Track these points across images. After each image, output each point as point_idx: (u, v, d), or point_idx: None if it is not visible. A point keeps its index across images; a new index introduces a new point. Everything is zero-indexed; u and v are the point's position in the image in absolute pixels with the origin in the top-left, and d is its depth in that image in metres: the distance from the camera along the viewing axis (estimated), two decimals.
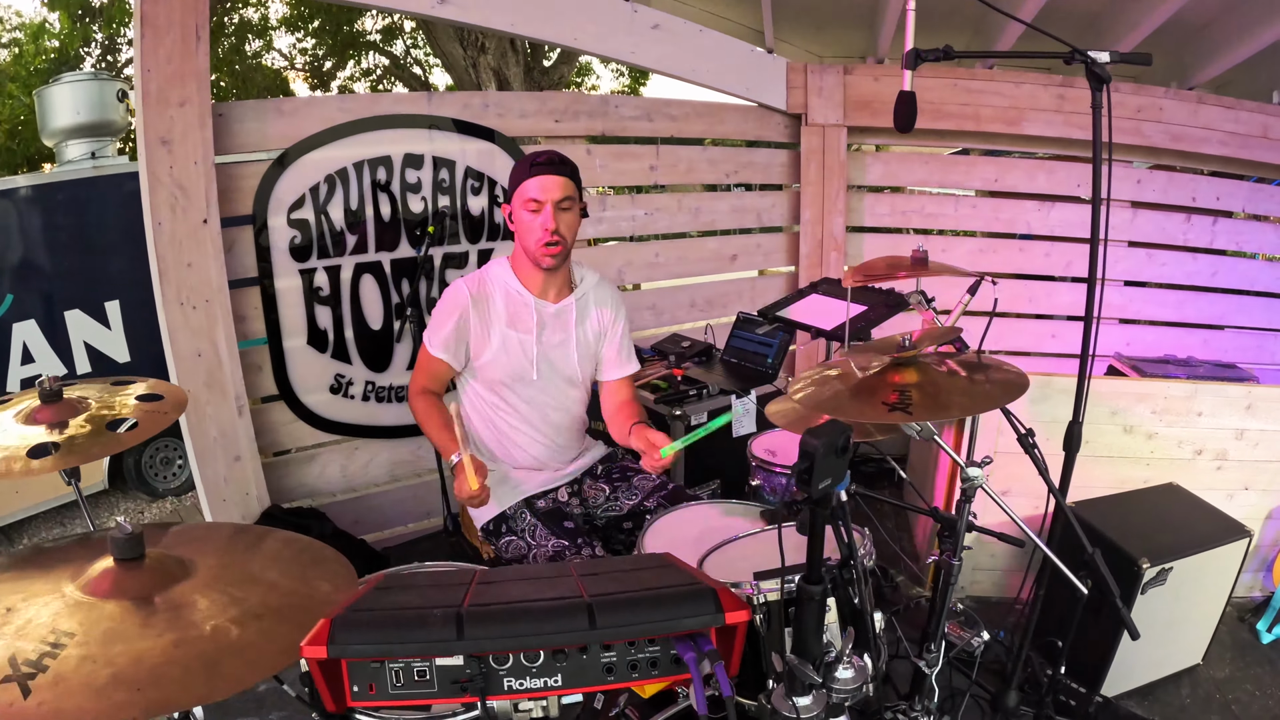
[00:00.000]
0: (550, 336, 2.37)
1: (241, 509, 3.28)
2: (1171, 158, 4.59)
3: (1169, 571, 2.51)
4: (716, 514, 2.22)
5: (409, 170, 3.46)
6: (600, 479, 2.54)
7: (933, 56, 1.87)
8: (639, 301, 4.33)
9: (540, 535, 2.25)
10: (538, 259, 2.28)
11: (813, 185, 4.47)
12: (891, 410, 1.59)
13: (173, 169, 2.93)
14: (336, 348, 3.46)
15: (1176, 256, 4.73)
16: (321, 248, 3.35)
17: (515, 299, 2.35)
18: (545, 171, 2.23)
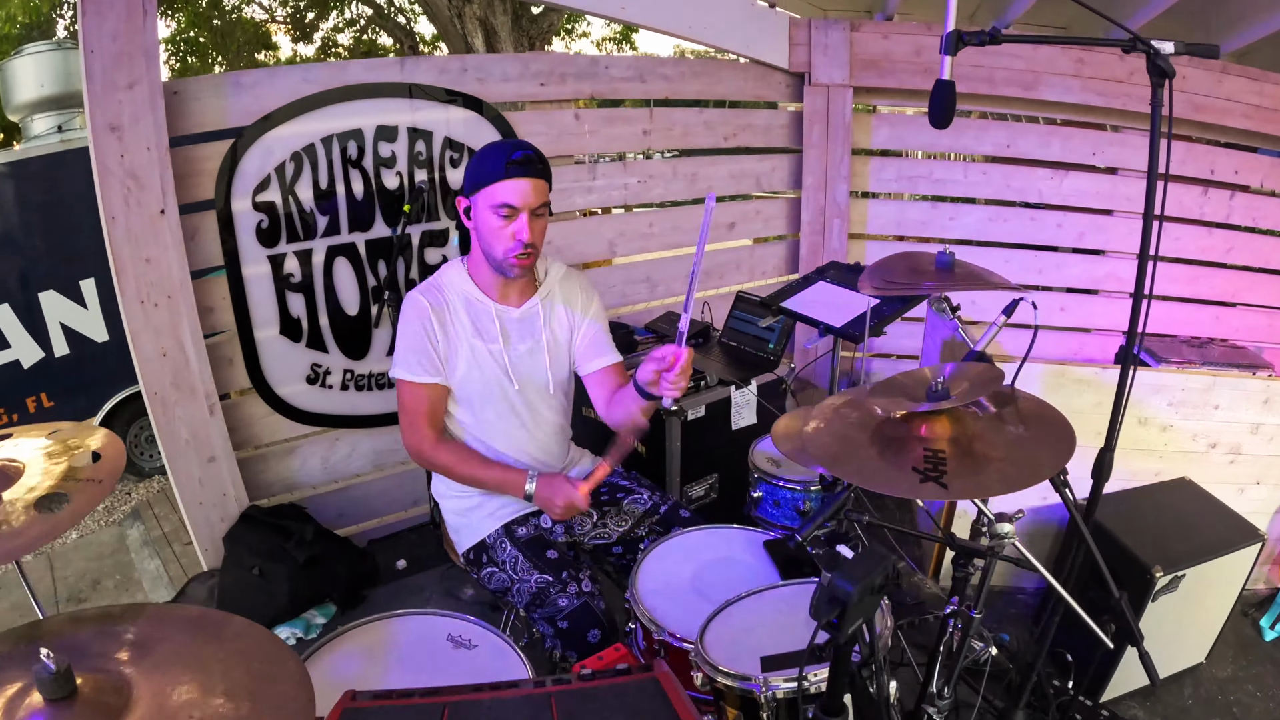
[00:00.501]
0: (518, 344, 2.16)
1: (220, 510, 3.15)
2: (1192, 128, 4.35)
3: (1182, 579, 2.42)
4: (714, 544, 2.06)
5: (382, 143, 3.21)
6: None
7: (977, 40, 1.63)
8: (632, 274, 4.11)
9: (522, 569, 2.06)
10: (504, 269, 2.05)
11: (815, 149, 4.23)
12: (924, 481, 1.40)
13: (124, 157, 2.71)
14: (311, 336, 3.26)
15: (1191, 231, 4.54)
16: (291, 231, 3.13)
17: (476, 307, 2.12)
18: (523, 174, 1.95)
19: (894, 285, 2.11)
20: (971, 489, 1.41)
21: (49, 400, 4.83)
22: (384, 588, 3.25)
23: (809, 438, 1.60)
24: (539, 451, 2.25)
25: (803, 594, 1.69)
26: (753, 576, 1.90)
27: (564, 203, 3.73)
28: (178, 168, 2.85)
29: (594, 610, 1.97)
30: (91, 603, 3.68)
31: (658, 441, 3.02)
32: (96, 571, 4.00)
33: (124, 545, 4.27)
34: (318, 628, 2.98)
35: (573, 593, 1.99)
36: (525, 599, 2.05)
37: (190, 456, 3.05)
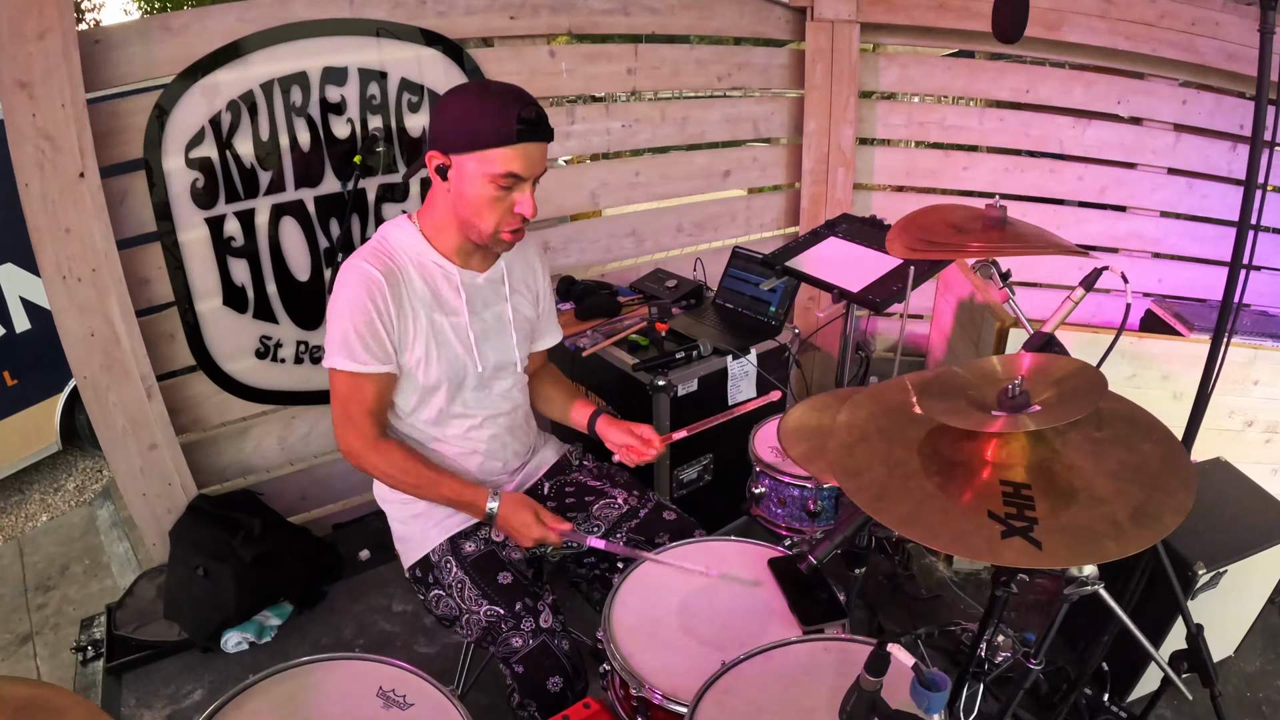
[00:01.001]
0: (484, 312, 1.84)
1: (166, 501, 2.88)
2: (1223, 79, 3.99)
3: (1223, 575, 2.22)
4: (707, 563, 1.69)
5: (330, 87, 2.84)
6: (548, 502, 1.99)
7: None
8: (617, 228, 3.76)
9: (470, 596, 1.74)
10: (490, 243, 1.72)
11: (819, 90, 3.85)
12: (1008, 535, 1.02)
13: (36, 117, 2.39)
14: (259, 305, 2.93)
15: (1219, 188, 4.21)
16: (230, 189, 2.78)
17: (434, 272, 1.76)
18: (536, 137, 1.61)
19: (933, 245, 1.72)
20: (1075, 552, 1.01)
21: (12, 378, 4.59)
22: (345, 582, 2.97)
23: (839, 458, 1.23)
24: (507, 441, 1.94)
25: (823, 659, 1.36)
26: (755, 610, 1.58)
27: None
28: (101, 125, 2.53)
29: (553, 651, 1.67)
30: (59, 590, 3.52)
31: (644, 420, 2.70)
32: (65, 556, 3.82)
33: (94, 527, 4.09)
34: (272, 630, 2.70)
35: (528, 629, 1.68)
36: (475, 633, 1.74)
37: (129, 445, 2.77)
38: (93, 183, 2.51)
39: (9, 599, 3.51)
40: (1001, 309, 2.89)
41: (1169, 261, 4.39)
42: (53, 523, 4.39)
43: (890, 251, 1.80)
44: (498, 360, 1.87)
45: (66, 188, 2.47)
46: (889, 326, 4.40)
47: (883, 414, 1.29)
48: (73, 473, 5.13)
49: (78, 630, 2.78)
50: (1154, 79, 4.01)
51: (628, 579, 1.68)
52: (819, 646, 1.38)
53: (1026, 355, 1.26)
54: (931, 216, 1.83)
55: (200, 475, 2.97)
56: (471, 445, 1.89)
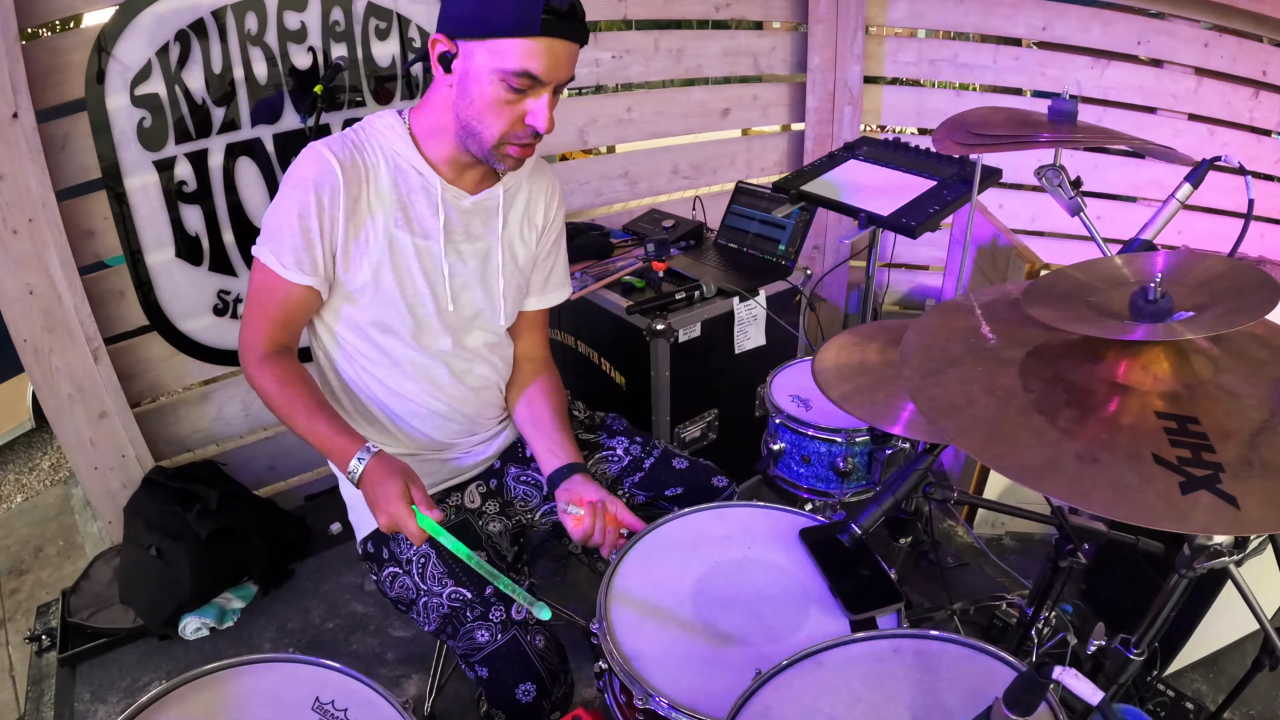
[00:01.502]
0: (464, 245, 1.53)
1: (120, 475, 2.65)
2: (1246, 20, 3.74)
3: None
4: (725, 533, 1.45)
5: (289, 13, 2.55)
6: (531, 464, 1.71)
7: None
8: (608, 169, 3.49)
9: (432, 575, 1.46)
10: (492, 157, 1.41)
11: (824, 23, 3.60)
12: (1189, 489, 0.73)
13: None
14: (215, 257, 2.66)
15: (1240, 137, 3.98)
16: (180, 129, 2.50)
17: (412, 180, 1.46)
18: (564, 33, 1.29)
19: (990, 140, 1.45)
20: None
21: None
22: (315, 558, 2.72)
23: (921, 389, 0.94)
24: (467, 408, 1.64)
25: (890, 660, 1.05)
26: (788, 592, 1.31)
27: None
28: (39, 62, 2.28)
29: (525, 651, 1.39)
30: (33, 573, 3.29)
31: (641, 372, 2.46)
32: (40, 538, 3.58)
33: (68, 506, 3.86)
34: (235, 613, 2.46)
35: (497, 620, 1.40)
36: (433, 621, 1.45)
37: (76, 413, 2.52)
38: (27, 124, 2.24)
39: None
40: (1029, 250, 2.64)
41: (1189, 212, 4.15)
42: (27, 503, 4.15)
43: (938, 148, 1.52)
44: (473, 308, 1.58)
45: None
46: (897, 279, 4.16)
47: (959, 339, 1.02)
48: (47, 451, 4.90)
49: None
50: (1174, 19, 3.78)
51: (630, 552, 1.41)
52: (886, 646, 1.06)
53: (1161, 252, 1.00)
54: (989, 113, 1.56)
55: (158, 446, 2.73)
56: (427, 400, 1.59)
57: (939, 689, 0.72)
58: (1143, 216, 3.96)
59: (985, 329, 1.03)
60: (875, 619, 1.23)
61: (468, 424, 1.66)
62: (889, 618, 1.24)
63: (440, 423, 1.62)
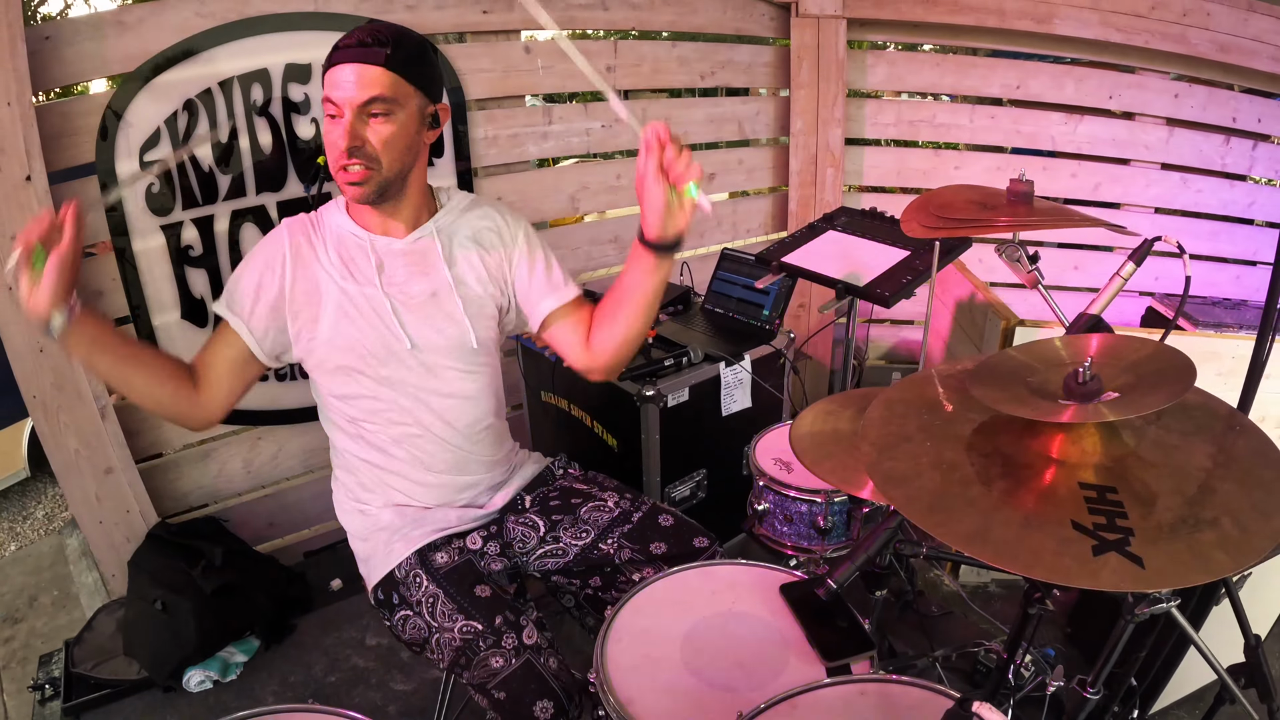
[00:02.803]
0: (409, 285, 1.63)
1: (124, 530, 2.70)
2: (1215, 70, 3.93)
3: (1248, 577, 2.08)
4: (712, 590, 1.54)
5: (293, 85, 2.68)
6: (532, 509, 1.82)
7: None
8: (599, 234, 3.61)
9: (442, 612, 1.56)
10: (341, 188, 1.54)
11: (805, 89, 3.72)
12: (1100, 551, 0.84)
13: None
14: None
15: (1213, 183, 4.15)
16: (187, 195, 2.60)
17: (349, 242, 1.63)
18: (345, 58, 1.45)
19: (952, 223, 1.57)
20: (1184, 568, 0.83)
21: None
22: (316, 614, 2.77)
23: (877, 464, 1.05)
24: (448, 442, 1.72)
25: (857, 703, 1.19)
26: (770, 643, 1.40)
27: (515, 151, 3.22)
28: (51, 126, 2.38)
29: (539, 672, 1.48)
30: (28, 623, 3.31)
31: (632, 434, 2.56)
32: (34, 587, 3.60)
33: (63, 556, 3.87)
34: (238, 667, 2.51)
35: (510, 647, 1.49)
36: (447, 656, 1.54)
37: (83, 469, 2.59)
38: (40, 187, 2.34)
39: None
40: (1005, 307, 2.76)
41: (1164, 258, 4.30)
42: (21, 552, 4.16)
43: (907, 232, 1.65)
44: (438, 339, 1.66)
45: (11, 192, 2.30)
46: (881, 334, 4.27)
47: (916, 412, 1.13)
48: (42, 500, 4.93)
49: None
50: (1145, 73, 3.95)
51: (623, 608, 1.50)
52: (854, 690, 1.19)
53: (1094, 336, 1.11)
54: (948, 195, 1.69)
55: (161, 502, 2.79)
56: (414, 439, 1.69)
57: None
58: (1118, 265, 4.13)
59: (945, 401, 1.13)
60: (850, 665, 1.32)
61: (466, 456, 1.75)
62: (862, 665, 1.33)
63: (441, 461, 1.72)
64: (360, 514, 1.76)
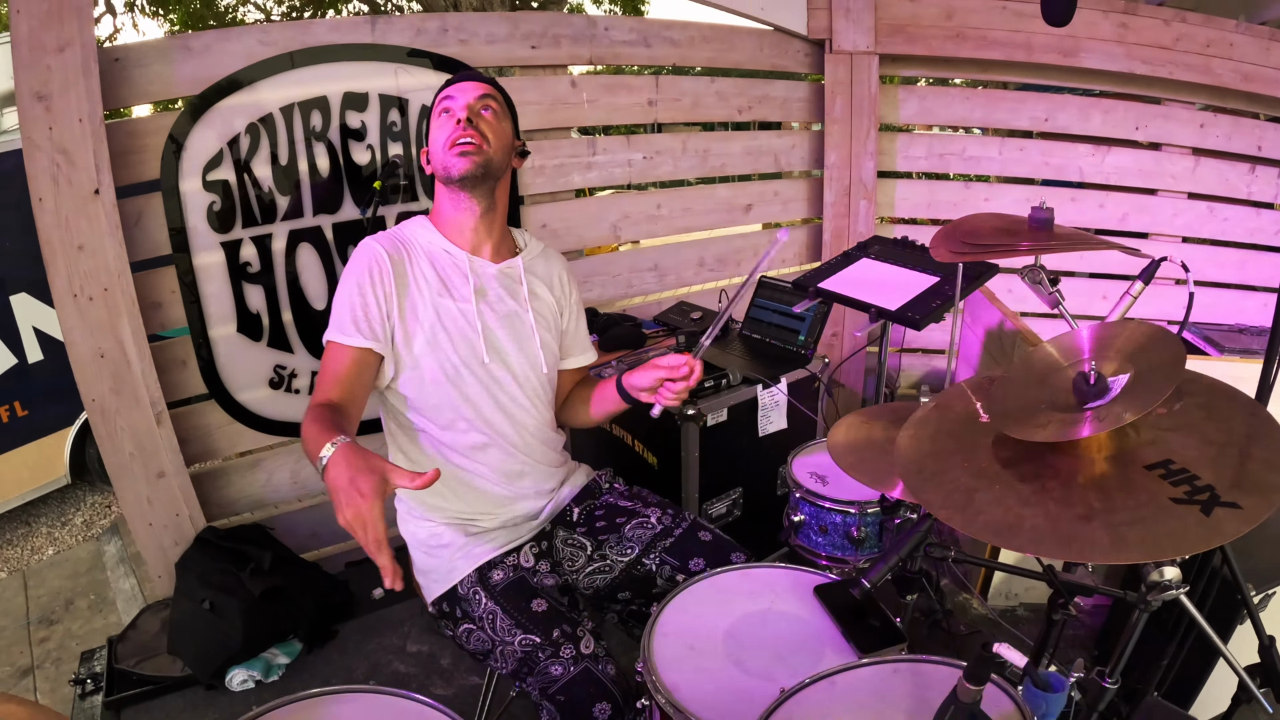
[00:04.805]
0: (497, 304, 1.79)
1: (173, 533, 2.78)
2: (1240, 100, 4.00)
3: (1271, 596, 2.14)
4: (750, 590, 1.62)
5: (350, 113, 2.81)
6: (578, 528, 1.92)
7: None
8: (639, 262, 3.71)
9: (502, 627, 1.65)
10: (448, 166, 1.69)
11: (839, 123, 3.82)
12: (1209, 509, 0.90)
13: (53, 130, 2.36)
14: (273, 334, 2.86)
15: (1239, 211, 4.19)
16: (247, 214, 2.73)
17: (444, 259, 1.77)
18: (465, 79, 1.76)
19: (977, 249, 1.66)
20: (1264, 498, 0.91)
21: (23, 409, 4.54)
22: (358, 621, 2.83)
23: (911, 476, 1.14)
24: (516, 451, 1.84)
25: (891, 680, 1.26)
26: (806, 638, 1.48)
27: (560, 180, 3.34)
28: (118, 143, 2.50)
29: (597, 678, 1.56)
30: (63, 624, 3.45)
31: (672, 452, 2.62)
32: (70, 590, 3.75)
33: (100, 562, 4.03)
34: (280, 668, 2.57)
35: (568, 657, 1.57)
36: (510, 665, 1.63)
37: (136, 472, 2.68)
38: (108, 200, 2.47)
39: (10, 631, 3.42)
40: (1033, 334, 2.81)
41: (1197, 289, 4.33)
42: (58, 556, 4.31)
43: (935, 257, 1.73)
44: (513, 360, 1.80)
45: (81, 204, 2.43)
46: (912, 363, 4.32)
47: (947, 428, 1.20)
48: (81, 507, 5.05)
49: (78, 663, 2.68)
50: (1171, 103, 4.02)
51: (668, 606, 1.57)
52: (887, 669, 1.26)
53: (1084, 329, 1.17)
54: (974, 223, 1.78)
55: (209, 507, 2.88)
56: (488, 446, 1.80)
57: (929, 699, 0.88)
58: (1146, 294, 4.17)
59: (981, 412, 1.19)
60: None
61: (526, 466, 1.86)
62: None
63: (510, 468, 1.83)
64: (423, 525, 1.84)
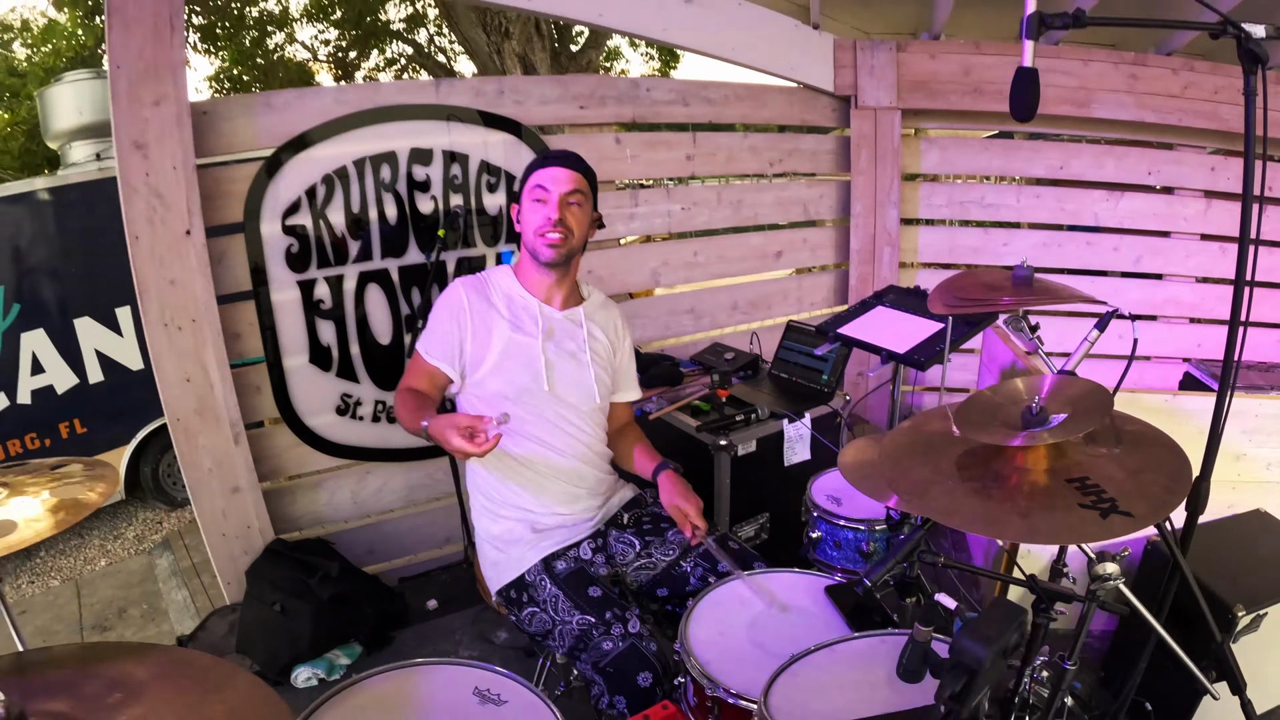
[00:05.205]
0: (561, 344, 2.13)
1: (244, 543, 3.03)
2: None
3: (1263, 618, 2.26)
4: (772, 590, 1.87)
5: (416, 167, 3.12)
6: (628, 529, 2.21)
7: (1060, 24, 1.47)
8: (676, 305, 3.97)
9: (563, 609, 1.93)
10: (536, 249, 2.05)
11: (864, 174, 4.08)
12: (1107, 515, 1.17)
13: (149, 175, 2.66)
14: (342, 365, 3.14)
15: (1262, 250, 4.29)
16: (321, 256, 3.03)
17: (517, 303, 2.13)
18: (558, 164, 2.06)
19: (967, 303, 1.92)
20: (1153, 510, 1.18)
21: (82, 426, 4.80)
22: (413, 629, 3.07)
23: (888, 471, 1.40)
24: (570, 468, 2.13)
25: (879, 648, 1.52)
26: (817, 626, 1.72)
27: (605, 230, 3.59)
28: (206, 188, 2.80)
29: (642, 652, 1.81)
30: (116, 632, 3.66)
31: (705, 478, 2.84)
32: (123, 600, 3.96)
33: (152, 574, 4.24)
34: (341, 669, 2.81)
35: (618, 634, 1.83)
36: (567, 643, 1.90)
37: (213, 486, 2.95)
38: (198, 240, 2.76)
39: (64, 635, 3.63)
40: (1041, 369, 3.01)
41: (1207, 325, 4.49)
42: (111, 568, 4.52)
43: (932, 309, 1.98)
44: (571, 390, 2.11)
45: (173, 243, 2.72)
46: (932, 400, 4.50)
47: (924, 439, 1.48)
48: (133, 522, 5.24)
49: None
50: (1182, 148, 4.20)
51: (700, 603, 1.82)
52: (877, 640, 1.55)
53: (1047, 378, 1.41)
54: (968, 279, 2.05)
55: (275, 522, 3.13)
56: (546, 459, 2.09)
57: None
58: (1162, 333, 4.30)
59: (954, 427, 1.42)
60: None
61: (583, 476, 2.15)
62: None
63: (564, 481, 2.11)
64: (497, 522, 2.12)
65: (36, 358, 4.57)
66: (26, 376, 4.56)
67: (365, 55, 13.46)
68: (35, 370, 4.58)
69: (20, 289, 4.49)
